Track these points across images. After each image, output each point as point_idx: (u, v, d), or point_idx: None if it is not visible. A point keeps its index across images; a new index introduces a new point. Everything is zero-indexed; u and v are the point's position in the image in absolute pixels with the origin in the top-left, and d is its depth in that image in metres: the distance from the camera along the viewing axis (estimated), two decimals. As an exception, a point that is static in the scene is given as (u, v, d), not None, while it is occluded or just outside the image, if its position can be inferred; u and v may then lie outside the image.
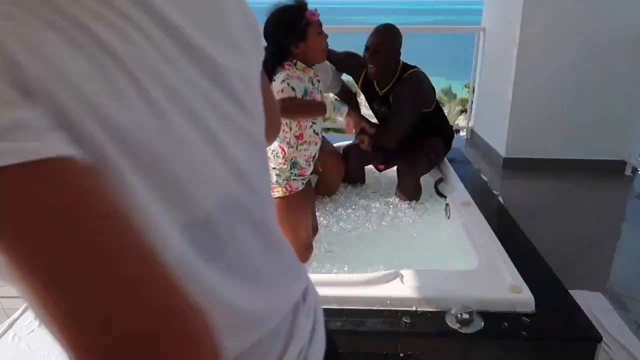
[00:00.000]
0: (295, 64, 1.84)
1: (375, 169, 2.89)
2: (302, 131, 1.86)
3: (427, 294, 1.56)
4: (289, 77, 1.83)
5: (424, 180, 2.73)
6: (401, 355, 1.45)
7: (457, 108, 17.21)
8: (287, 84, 1.82)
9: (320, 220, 2.41)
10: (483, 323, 1.46)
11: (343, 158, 2.66)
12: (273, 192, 1.89)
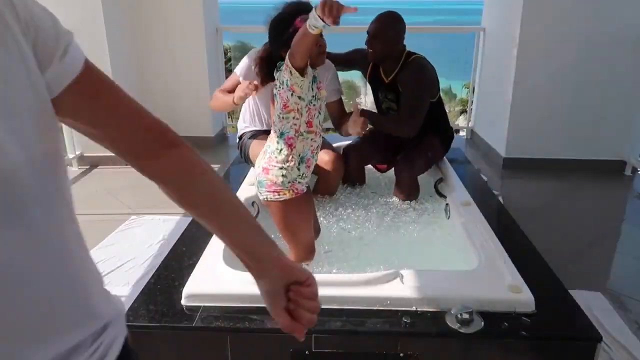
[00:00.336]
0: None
1: (375, 169, 2.88)
2: (312, 119, 1.86)
3: (427, 294, 1.56)
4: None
5: (424, 180, 2.73)
6: (401, 355, 1.45)
7: (457, 108, 17.20)
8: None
9: (320, 220, 2.41)
10: (483, 323, 1.46)
11: (343, 158, 2.66)
12: (278, 195, 1.89)
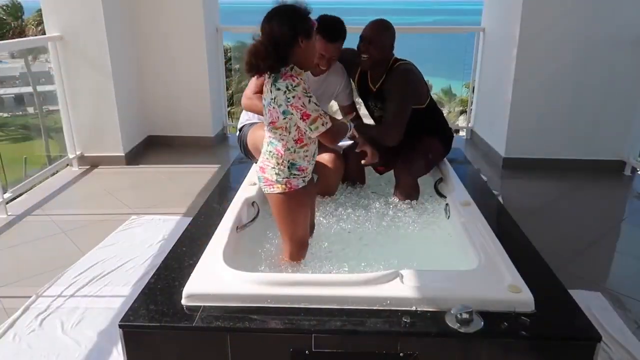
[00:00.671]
0: (291, 68, 1.77)
1: (375, 171, 2.88)
2: (301, 135, 1.84)
3: (427, 294, 1.56)
4: (306, 92, 1.74)
5: (424, 180, 2.73)
6: (401, 355, 1.46)
7: (457, 108, 17.22)
8: (315, 103, 1.74)
9: (320, 220, 2.41)
10: (483, 323, 1.46)
11: (343, 157, 2.66)
12: (272, 188, 1.89)
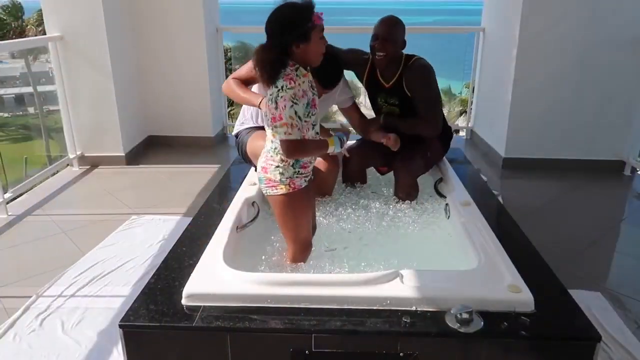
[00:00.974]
0: (297, 69, 1.81)
1: (377, 172, 2.88)
2: (305, 133, 1.84)
3: (427, 294, 1.56)
4: (295, 98, 1.76)
5: (424, 180, 2.73)
6: (401, 355, 1.46)
7: (457, 108, 17.21)
8: (295, 112, 1.76)
9: (320, 220, 2.41)
10: (483, 323, 1.46)
11: (338, 158, 2.66)
12: (275, 190, 1.89)
